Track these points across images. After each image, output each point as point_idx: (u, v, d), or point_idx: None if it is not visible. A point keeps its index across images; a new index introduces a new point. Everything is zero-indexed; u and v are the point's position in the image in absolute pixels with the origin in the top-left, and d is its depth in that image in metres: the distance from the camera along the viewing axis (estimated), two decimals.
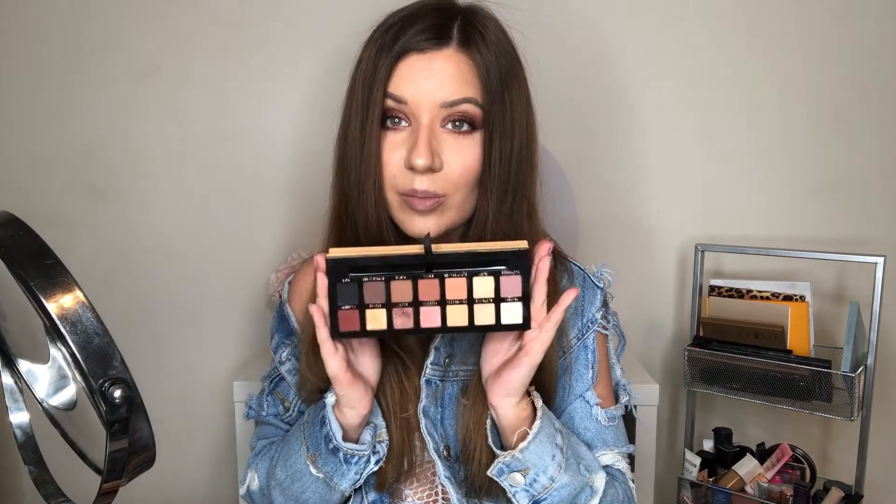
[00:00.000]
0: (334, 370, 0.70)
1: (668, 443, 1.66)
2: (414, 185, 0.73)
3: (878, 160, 1.54)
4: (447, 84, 0.72)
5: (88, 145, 1.55)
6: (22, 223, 0.46)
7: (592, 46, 1.53)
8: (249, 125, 1.55)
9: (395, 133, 0.74)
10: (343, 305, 0.68)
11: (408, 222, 0.76)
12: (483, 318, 0.68)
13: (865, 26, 1.50)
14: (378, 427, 0.77)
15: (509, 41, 0.79)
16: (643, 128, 1.56)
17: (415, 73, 0.73)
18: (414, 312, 0.68)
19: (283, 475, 0.80)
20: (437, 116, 0.73)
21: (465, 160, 0.74)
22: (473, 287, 0.67)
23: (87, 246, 1.57)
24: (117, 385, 0.42)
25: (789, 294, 1.40)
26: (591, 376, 0.84)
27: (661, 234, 1.59)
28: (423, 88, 0.72)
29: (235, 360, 1.61)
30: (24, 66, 1.53)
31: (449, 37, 0.74)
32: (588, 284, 0.87)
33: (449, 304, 0.68)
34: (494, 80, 0.74)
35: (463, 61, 0.73)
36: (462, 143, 0.74)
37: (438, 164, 0.73)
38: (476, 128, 0.74)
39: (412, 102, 0.73)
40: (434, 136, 0.73)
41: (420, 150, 0.71)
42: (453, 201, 0.75)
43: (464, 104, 0.73)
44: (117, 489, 0.48)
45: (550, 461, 0.71)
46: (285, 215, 1.57)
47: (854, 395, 1.30)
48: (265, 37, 1.52)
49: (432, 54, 0.73)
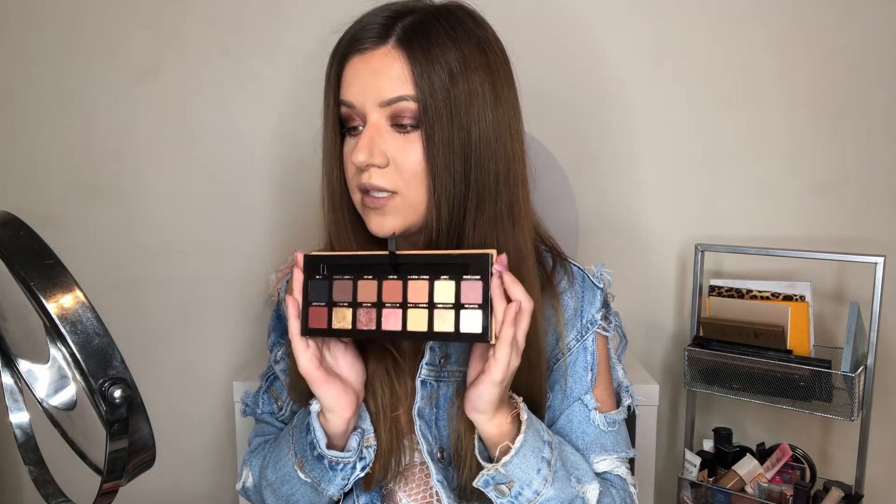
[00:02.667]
0: (305, 367, 0.70)
1: (668, 443, 1.66)
2: (362, 180, 0.74)
3: (879, 160, 1.54)
4: (382, 81, 0.72)
5: (88, 145, 1.55)
6: (22, 223, 0.46)
7: (592, 47, 1.53)
8: (249, 125, 1.55)
9: (353, 138, 0.76)
10: (314, 302, 0.70)
11: (369, 222, 0.77)
12: (442, 325, 0.66)
13: (866, 26, 1.50)
14: (366, 432, 0.77)
15: (478, 28, 0.76)
16: (643, 128, 1.56)
17: (357, 75, 0.74)
18: (377, 314, 0.68)
19: (274, 477, 0.80)
20: (381, 116, 0.74)
21: (409, 157, 0.73)
22: (434, 290, 0.66)
23: (87, 246, 1.57)
24: (117, 385, 0.42)
25: (789, 294, 1.39)
26: (591, 379, 0.83)
27: (661, 234, 1.59)
28: (364, 88, 0.73)
29: (235, 360, 1.61)
30: (24, 67, 1.53)
31: (388, 35, 0.73)
32: (588, 285, 0.85)
33: (410, 308, 0.67)
34: (437, 73, 0.72)
35: (399, 57, 0.72)
36: (406, 141, 0.74)
37: (381, 160, 0.73)
38: (418, 125, 0.73)
39: (357, 104, 0.74)
40: (379, 134, 0.74)
41: (359, 147, 0.73)
42: (407, 199, 0.74)
43: (399, 101, 0.72)
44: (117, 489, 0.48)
45: (535, 475, 0.71)
46: (285, 215, 1.57)
47: (854, 395, 1.30)
48: (265, 37, 1.52)
49: (370, 54, 0.73)
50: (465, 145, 0.74)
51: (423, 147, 0.73)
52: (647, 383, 1.36)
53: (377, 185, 0.73)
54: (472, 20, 0.77)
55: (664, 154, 1.57)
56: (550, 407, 0.83)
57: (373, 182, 0.73)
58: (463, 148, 0.74)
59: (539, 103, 0.86)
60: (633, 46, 1.53)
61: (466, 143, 0.74)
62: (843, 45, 1.51)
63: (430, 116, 0.72)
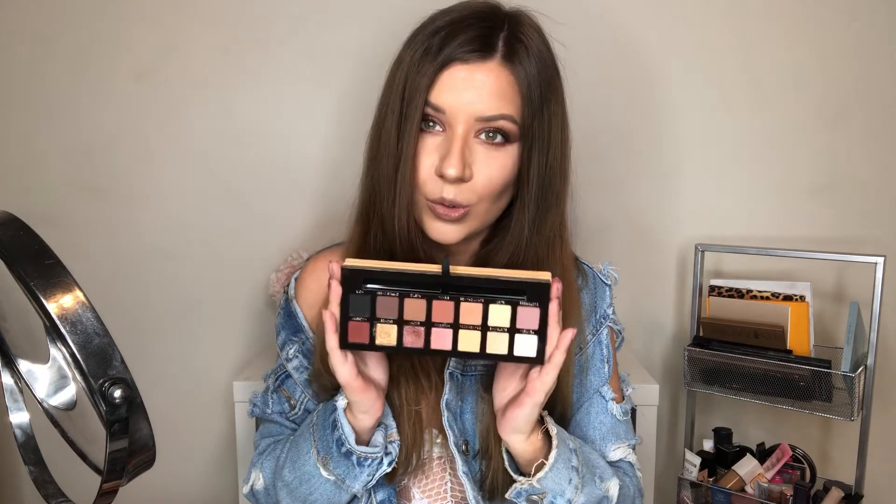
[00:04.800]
0: (346, 378, 0.70)
1: (668, 443, 1.66)
2: (442, 193, 0.73)
3: (879, 160, 1.54)
4: (486, 98, 0.72)
5: (88, 145, 1.55)
6: (22, 223, 0.46)
7: (591, 47, 1.53)
8: (249, 125, 1.55)
9: (431, 136, 0.75)
10: (354, 317, 0.67)
11: (430, 227, 0.76)
12: (495, 347, 0.66)
13: (866, 26, 1.50)
14: (389, 427, 0.77)
15: (550, 52, 0.79)
16: (643, 128, 1.56)
17: (455, 84, 0.73)
18: (425, 332, 0.67)
19: (291, 476, 0.79)
20: (472, 128, 0.73)
21: (492, 171, 0.74)
22: (489, 314, 0.66)
23: (87, 246, 1.57)
24: (117, 385, 0.42)
25: (789, 294, 1.40)
26: (608, 371, 0.86)
27: (661, 234, 1.59)
28: (462, 100, 0.72)
29: (235, 360, 1.61)
30: (23, 66, 1.53)
31: (494, 49, 0.73)
32: (598, 282, 0.89)
33: (462, 329, 0.66)
34: (535, 95, 0.74)
35: (504, 76, 0.73)
36: (493, 155, 0.74)
37: (469, 174, 0.73)
38: (510, 141, 0.74)
39: (450, 112, 0.73)
40: (467, 145, 0.73)
41: (452, 161, 0.72)
42: (476, 211, 0.76)
43: (500, 120, 0.73)
44: (117, 489, 0.48)
45: (567, 485, 0.72)
46: (285, 215, 1.57)
47: (854, 395, 1.30)
48: (266, 37, 1.52)
49: (475, 66, 0.73)
50: (547, 162, 0.76)
51: (515, 163, 0.75)
52: (647, 383, 1.36)
53: (458, 202, 0.73)
54: (545, 38, 0.79)
55: (664, 154, 1.57)
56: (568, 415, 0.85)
57: (454, 198, 0.73)
58: (545, 168, 0.76)
59: None
60: (634, 47, 1.53)
61: (548, 161, 0.76)
62: (843, 44, 1.51)
63: (529, 137, 0.74)
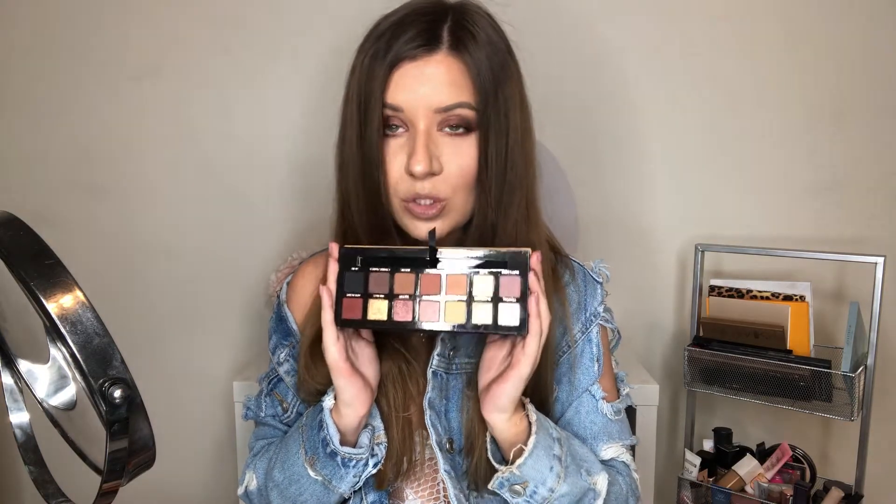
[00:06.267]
0: (334, 357, 0.71)
1: (668, 443, 1.66)
2: (416, 189, 0.74)
3: (878, 160, 1.54)
4: (440, 89, 0.73)
5: (88, 145, 1.55)
6: (22, 223, 0.46)
7: (592, 46, 1.53)
8: (249, 126, 1.55)
9: (394, 139, 0.75)
10: (348, 293, 0.71)
11: (412, 227, 0.77)
12: (480, 318, 0.69)
13: (866, 26, 1.50)
14: (376, 429, 0.77)
15: (501, 36, 0.79)
16: (643, 128, 1.56)
17: (408, 82, 0.74)
18: (414, 305, 0.70)
19: (281, 477, 0.80)
20: (432, 121, 0.74)
21: (462, 161, 0.75)
22: (473, 284, 0.69)
23: (87, 246, 1.57)
24: (117, 385, 0.42)
25: (789, 294, 1.40)
26: (597, 369, 0.85)
27: (661, 234, 1.59)
28: (417, 95, 0.73)
29: (235, 360, 1.61)
30: (23, 66, 1.53)
31: (439, 41, 0.74)
32: (588, 280, 0.88)
33: (448, 301, 0.70)
34: (487, 80, 0.74)
35: (454, 65, 0.74)
36: (459, 145, 0.75)
37: (437, 167, 0.74)
38: (471, 129, 0.75)
39: (408, 109, 0.74)
40: (431, 140, 0.74)
41: (418, 157, 0.73)
42: (454, 204, 0.76)
43: (457, 108, 0.74)
44: (117, 489, 0.48)
45: (549, 473, 0.72)
46: (285, 215, 1.57)
47: (854, 395, 1.30)
48: (265, 38, 1.52)
49: (424, 60, 0.73)
50: (505, 149, 0.76)
51: (478, 152, 0.75)
52: (647, 383, 1.36)
53: (433, 195, 0.74)
54: (491, 19, 0.79)
55: (664, 154, 1.57)
56: (558, 400, 0.84)
57: (430, 192, 0.74)
58: (505, 152, 0.76)
59: (538, 103, 0.87)
60: (634, 47, 1.53)
61: (505, 147, 0.76)
62: (843, 44, 1.51)
63: (484, 123, 0.75)
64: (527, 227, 0.80)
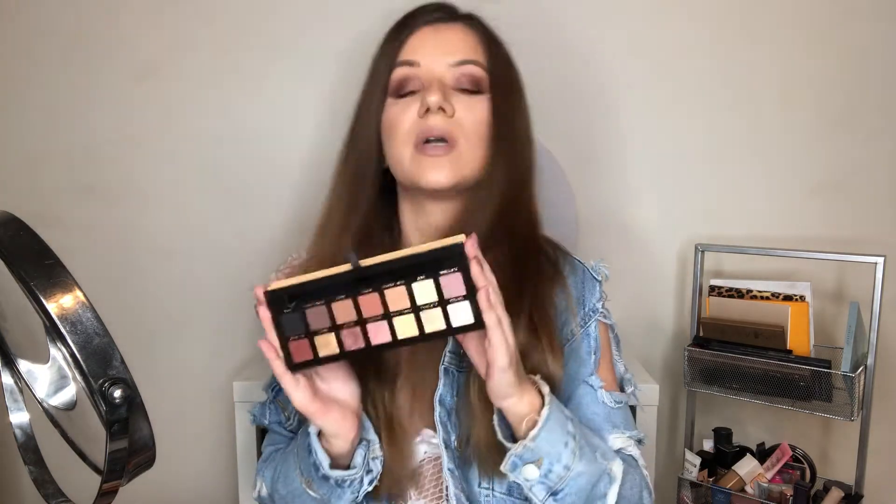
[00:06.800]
0: (301, 403, 0.69)
1: (668, 443, 1.66)
2: (429, 123, 0.77)
3: (879, 160, 1.54)
4: (456, 46, 0.80)
5: (88, 145, 1.55)
6: (22, 223, 0.46)
7: (591, 46, 1.53)
8: (249, 125, 1.55)
9: (410, 98, 0.80)
10: (291, 336, 0.66)
11: (423, 174, 0.78)
12: (433, 325, 0.65)
13: (866, 25, 1.50)
14: (371, 443, 0.76)
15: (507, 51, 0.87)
16: (643, 127, 1.56)
17: (425, 41, 0.80)
18: (362, 331, 0.65)
19: (285, 491, 0.81)
20: (447, 75, 0.79)
21: (475, 115, 0.79)
22: (415, 293, 0.64)
23: (87, 246, 1.57)
24: (117, 385, 0.42)
25: (789, 294, 1.39)
26: (594, 362, 0.85)
27: (661, 234, 1.59)
28: (434, 50, 0.79)
29: (235, 360, 1.61)
30: (23, 66, 1.53)
31: (456, 17, 0.83)
32: (587, 277, 0.90)
33: (395, 316, 0.65)
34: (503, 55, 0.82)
35: (470, 34, 0.82)
36: (473, 101, 0.80)
37: (450, 109, 0.78)
38: (482, 90, 0.80)
39: (423, 62, 0.79)
40: (446, 88, 0.79)
41: (433, 91, 0.77)
42: (464, 150, 0.79)
43: (470, 65, 0.80)
44: (117, 489, 0.48)
45: (564, 448, 0.70)
46: (285, 215, 1.57)
47: (854, 395, 1.30)
48: (265, 37, 1.52)
49: (440, 25, 0.81)
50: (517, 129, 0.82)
51: (490, 112, 0.79)
52: (647, 383, 1.36)
53: (443, 130, 0.77)
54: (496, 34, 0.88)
55: (664, 154, 1.56)
56: None
57: (443, 128, 0.77)
58: (517, 129, 0.82)
59: (539, 103, 0.88)
60: (634, 47, 1.53)
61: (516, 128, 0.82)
62: (843, 44, 1.51)
63: (498, 85, 0.80)
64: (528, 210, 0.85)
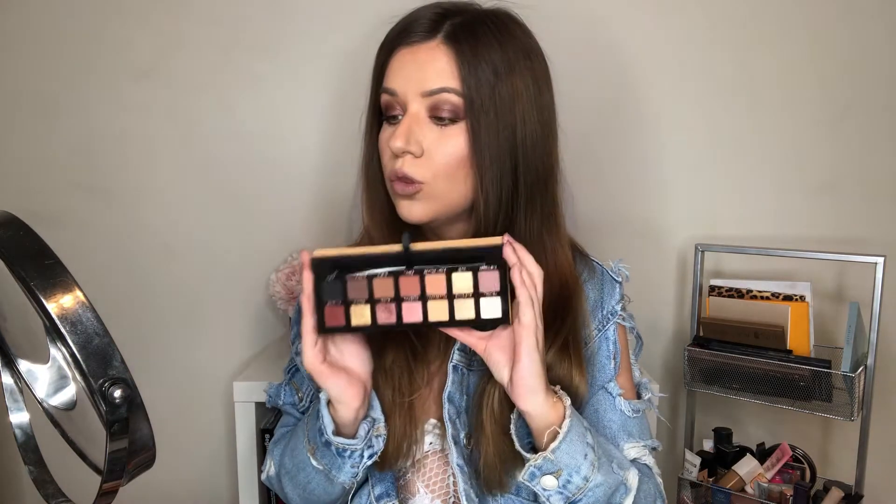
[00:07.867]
0: (309, 362, 0.72)
1: (668, 443, 1.66)
2: (395, 166, 0.78)
3: (879, 160, 1.54)
4: (427, 73, 0.76)
5: (89, 145, 1.55)
6: (22, 223, 0.46)
7: (591, 46, 1.53)
8: (249, 125, 1.55)
9: (393, 126, 0.79)
10: (329, 301, 0.71)
11: (398, 207, 0.80)
12: (463, 313, 0.70)
13: (866, 25, 1.50)
14: (377, 421, 0.78)
15: (524, 36, 0.82)
16: (642, 127, 1.56)
17: (402, 66, 0.78)
18: (396, 308, 0.70)
19: (291, 464, 0.82)
20: (422, 106, 0.77)
21: (446, 149, 0.77)
22: (453, 283, 0.70)
23: (87, 246, 1.57)
24: (117, 385, 0.43)
25: (789, 294, 1.39)
26: (614, 367, 0.85)
27: (661, 234, 1.59)
28: (408, 78, 0.77)
29: (235, 360, 1.61)
30: (23, 66, 1.53)
31: (437, 31, 0.77)
32: (606, 279, 0.90)
33: (430, 300, 0.70)
34: (484, 71, 0.76)
35: (446, 52, 0.76)
36: (444, 134, 0.77)
37: (416, 148, 0.76)
38: (459, 118, 0.77)
39: (400, 92, 0.77)
40: (418, 124, 0.77)
41: (396, 134, 0.77)
42: (434, 189, 0.78)
43: (442, 93, 0.76)
44: (117, 489, 0.48)
45: (583, 460, 0.70)
46: (285, 215, 1.57)
47: (854, 395, 1.30)
48: (266, 37, 1.52)
49: (417, 46, 0.77)
50: (511, 142, 0.78)
51: (469, 140, 0.77)
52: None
53: (407, 174, 0.77)
54: (520, 28, 0.83)
55: (664, 154, 1.56)
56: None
57: (404, 170, 0.77)
58: (510, 144, 0.78)
59: None
60: (635, 47, 1.53)
61: (513, 141, 0.78)
62: (843, 44, 1.51)
63: (475, 110, 0.76)
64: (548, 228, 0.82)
